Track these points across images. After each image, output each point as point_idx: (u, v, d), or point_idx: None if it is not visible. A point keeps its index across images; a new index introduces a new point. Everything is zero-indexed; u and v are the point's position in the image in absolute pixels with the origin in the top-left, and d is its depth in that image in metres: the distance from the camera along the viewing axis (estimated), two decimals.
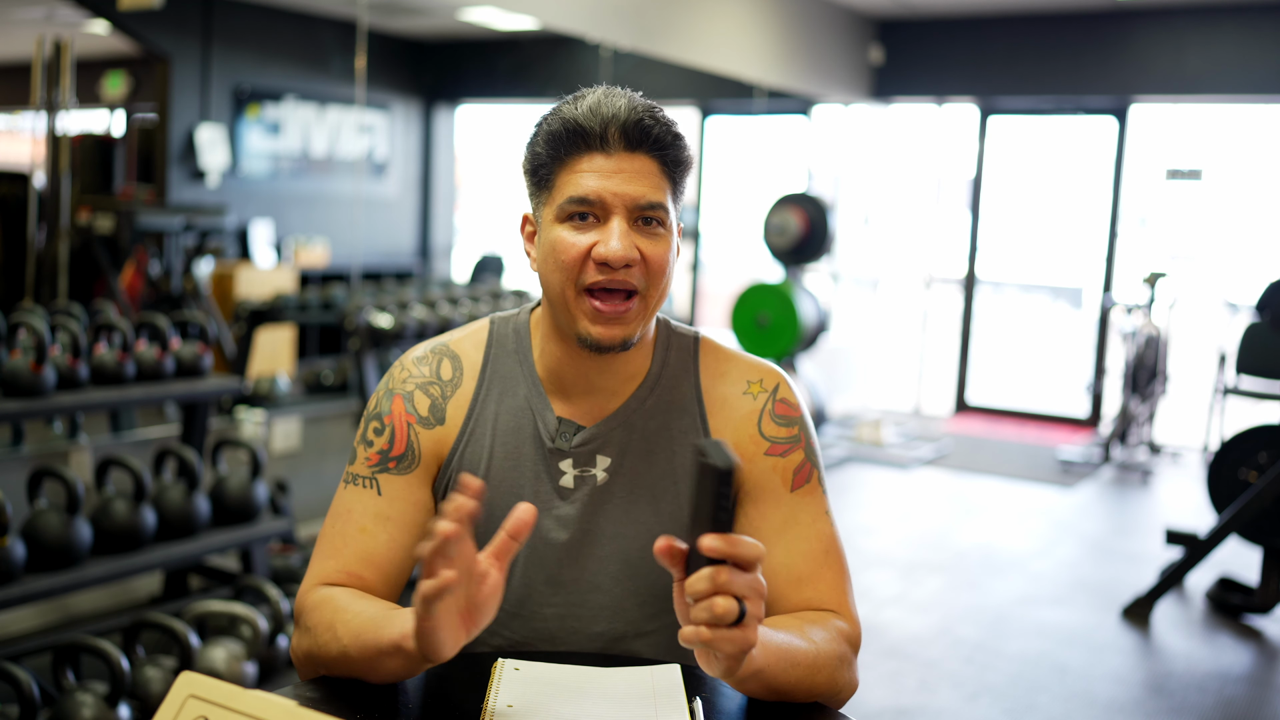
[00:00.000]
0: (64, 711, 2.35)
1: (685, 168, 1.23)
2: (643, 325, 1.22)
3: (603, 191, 1.17)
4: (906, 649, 3.65)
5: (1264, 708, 3.37)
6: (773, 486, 1.27)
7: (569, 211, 1.19)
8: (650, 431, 1.28)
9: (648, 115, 1.19)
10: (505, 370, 1.30)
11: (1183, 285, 7.28)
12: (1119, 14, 6.87)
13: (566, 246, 1.19)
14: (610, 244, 1.17)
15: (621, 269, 1.17)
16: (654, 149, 1.19)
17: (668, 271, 1.21)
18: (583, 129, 1.18)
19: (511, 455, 1.28)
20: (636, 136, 1.18)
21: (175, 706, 0.86)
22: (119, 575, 2.79)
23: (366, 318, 4.03)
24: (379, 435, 1.27)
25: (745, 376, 1.31)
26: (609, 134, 1.18)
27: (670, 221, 1.21)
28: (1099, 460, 6.49)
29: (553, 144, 1.20)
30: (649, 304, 1.21)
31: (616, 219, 1.18)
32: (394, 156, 8.00)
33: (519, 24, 5.78)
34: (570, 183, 1.19)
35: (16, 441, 3.76)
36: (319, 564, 1.24)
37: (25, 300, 4.79)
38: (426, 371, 1.30)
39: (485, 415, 1.29)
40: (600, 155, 1.18)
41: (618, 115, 1.18)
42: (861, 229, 8.44)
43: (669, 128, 1.20)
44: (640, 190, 1.18)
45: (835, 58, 7.13)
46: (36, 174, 4.88)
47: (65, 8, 5.72)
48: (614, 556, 1.26)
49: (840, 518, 5.47)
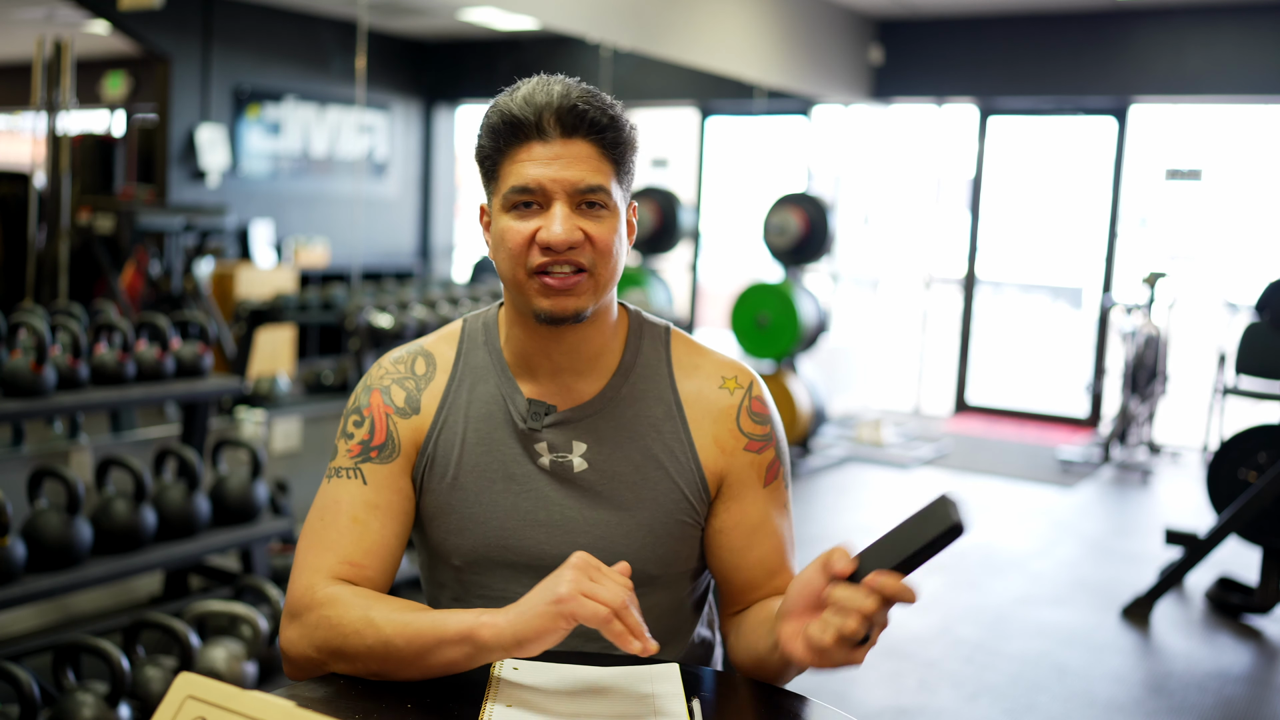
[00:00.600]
0: (64, 711, 2.35)
1: (626, 148, 1.25)
2: (594, 299, 1.24)
3: (542, 179, 1.20)
4: (906, 649, 3.65)
5: (1264, 708, 3.38)
6: (750, 482, 1.31)
7: (513, 201, 1.22)
8: (626, 420, 1.30)
9: (581, 100, 1.21)
10: (477, 362, 1.33)
11: (1183, 285, 7.28)
12: (1119, 14, 6.87)
13: (513, 234, 1.22)
14: (552, 229, 1.20)
15: (566, 251, 1.20)
16: (590, 132, 1.21)
17: (614, 250, 1.24)
18: (518, 120, 1.21)
19: (485, 440, 1.30)
20: (571, 122, 1.20)
21: (174, 707, 0.86)
22: (119, 575, 2.80)
23: (366, 318, 4.04)
24: (359, 427, 1.30)
25: (720, 372, 1.34)
26: (544, 122, 1.20)
27: (614, 202, 1.24)
28: (1099, 460, 6.49)
29: (494, 136, 1.23)
30: (599, 280, 1.23)
31: (558, 204, 1.21)
32: (394, 157, 8.00)
33: (519, 24, 5.79)
34: (512, 173, 1.22)
35: (17, 441, 3.76)
36: (315, 557, 1.24)
37: (26, 300, 4.79)
38: (402, 369, 1.34)
39: (458, 403, 1.31)
40: (538, 144, 1.21)
41: (551, 103, 1.20)
42: (861, 229, 8.44)
43: (605, 110, 1.22)
44: (579, 174, 1.21)
45: (835, 58, 7.13)
46: (37, 174, 4.88)
47: (65, 8, 5.72)
48: (592, 544, 1.27)
49: (840, 517, 5.47)
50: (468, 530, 1.29)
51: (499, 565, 1.29)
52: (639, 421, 1.30)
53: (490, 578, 1.30)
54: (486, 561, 1.29)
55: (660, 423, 1.30)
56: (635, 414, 1.30)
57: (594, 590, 1.07)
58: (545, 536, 1.28)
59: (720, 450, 1.31)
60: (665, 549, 1.30)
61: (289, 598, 1.23)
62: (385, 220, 7.97)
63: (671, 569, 1.31)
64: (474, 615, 1.11)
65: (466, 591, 1.32)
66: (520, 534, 1.28)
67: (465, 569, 1.30)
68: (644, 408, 1.31)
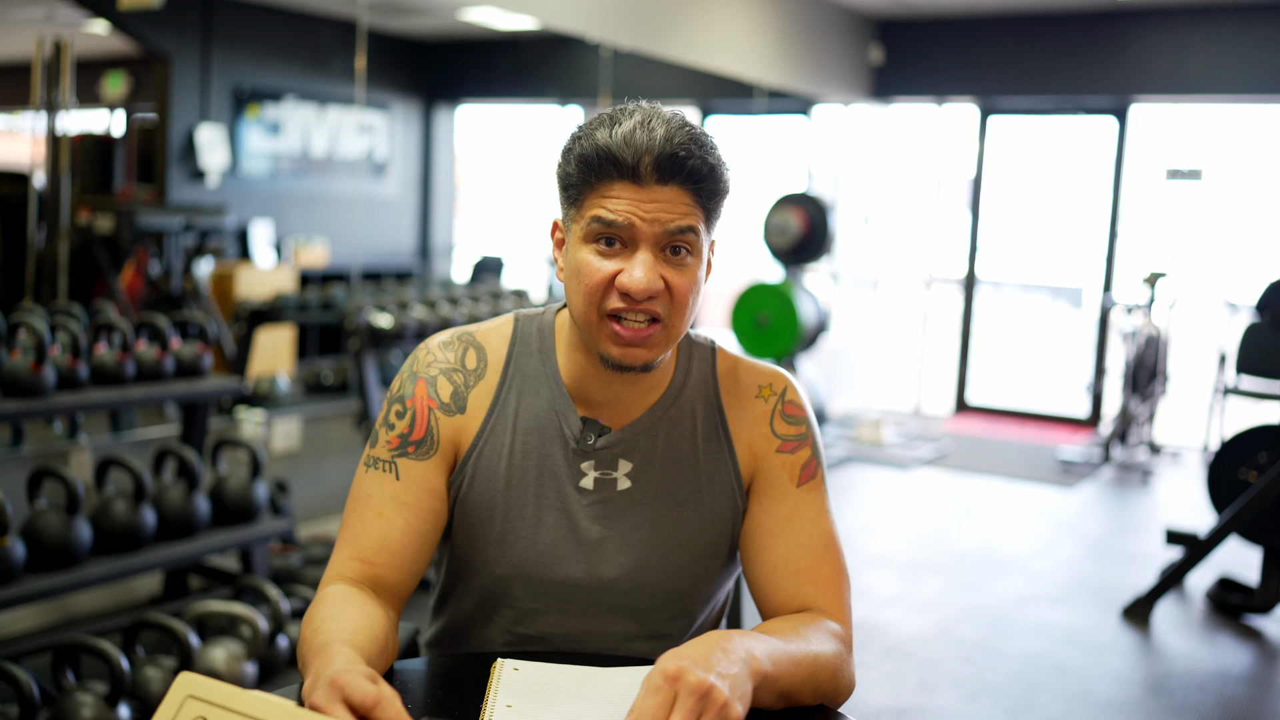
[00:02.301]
0: (64, 711, 2.35)
1: (722, 196, 1.21)
2: (664, 350, 1.22)
3: (631, 218, 1.16)
4: (906, 649, 3.65)
5: (1264, 708, 3.37)
6: (780, 482, 1.29)
7: (596, 233, 1.18)
8: (674, 439, 1.29)
9: (683, 148, 1.16)
10: (528, 369, 1.30)
11: (1183, 285, 7.28)
12: (1119, 14, 6.86)
13: (591, 271, 1.18)
14: (634, 274, 1.16)
15: (644, 300, 1.17)
16: (688, 181, 1.16)
17: (691, 300, 1.20)
18: (615, 159, 1.15)
19: (531, 454, 1.28)
20: (670, 169, 1.15)
21: (174, 707, 0.86)
22: (119, 575, 2.79)
23: (366, 318, 4.03)
24: (400, 419, 1.27)
25: (756, 381, 1.33)
26: (641, 166, 1.15)
27: (700, 248, 1.20)
28: (1099, 460, 6.49)
29: (584, 167, 1.18)
30: (671, 332, 1.20)
31: (643, 249, 1.17)
32: (394, 156, 7.99)
33: (519, 24, 5.78)
34: (598, 205, 1.17)
35: (16, 441, 3.76)
36: (338, 552, 1.24)
37: (25, 300, 4.78)
38: (451, 357, 1.30)
39: (506, 412, 1.29)
40: (631, 185, 1.16)
41: (653, 147, 1.15)
42: (861, 229, 8.44)
43: (705, 158, 1.17)
44: (669, 218, 1.16)
45: (835, 58, 7.13)
46: (36, 174, 4.87)
47: (65, 8, 5.71)
48: (634, 561, 1.27)
49: (840, 518, 5.46)
50: (508, 544, 1.27)
51: (533, 581, 1.28)
52: (684, 441, 1.29)
53: (522, 590, 1.29)
54: (522, 576, 1.28)
55: (706, 441, 1.30)
56: (681, 434, 1.30)
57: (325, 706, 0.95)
58: (583, 554, 1.27)
59: (754, 455, 1.30)
60: (702, 567, 1.29)
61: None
62: (385, 220, 7.96)
63: (706, 588, 1.31)
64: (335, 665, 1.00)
65: (497, 601, 1.31)
66: (557, 551, 1.27)
67: (498, 581, 1.29)
68: (690, 427, 1.30)
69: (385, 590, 1.23)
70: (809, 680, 1.13)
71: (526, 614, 1.30)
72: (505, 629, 1.31)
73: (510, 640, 1.31)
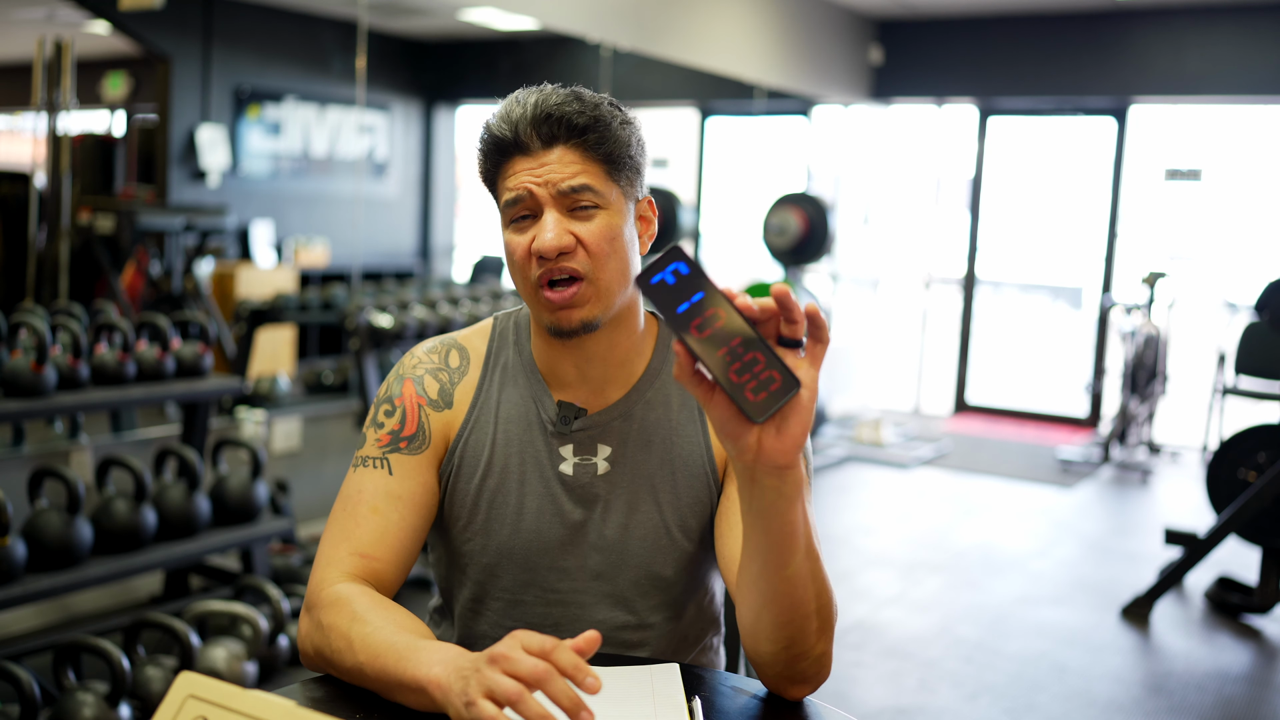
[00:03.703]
0: (64, 711, 2.35)
1: (615, 144, 1.23)
2: (600, 306, 1.23)
3: (528, 186, 1.21)
4: (906, 649, 3.66)
5: (1263, 707, 3.38)
6: None
7: (510, 215, 1.24)
8: (650, 423, 1.30)
9: (556, 108, 1.21)
10: (507, 361, 1.34)
11: (1182, 285, 7.28)
12: (1119, 14, 6.87)
13: (513, 247, 1.24)
14: (544, 236, 1.20)
15: (557, 258, 1.20)
16: (571, 136, 1.21)
17: (610, 250, 1.22)
18: (498, 138, 1.23)
19: (513, 442, 1.30)
20: (548, 131, 1.20)
21: (174, 707, 0.86)
22: (119, 575, 2.80)
23: (367, 318, 4.04)
24: (390, 417, 1.29)
25: None
26: (521, 135, 1.21)
27: (610, 201, 1.22)
28: (1098, 460, 6.49)
29: (485, 157, 1.25)
30: (599, 285, 1.22)
31: (548, 211, 1.21)
32: (394, 157, 8.00)
33: (519, 24, 5.78)
34: (503, 188, 1.24)
35: (17, 441, 3.76)
36: (332, 548, 1.24)
37: (26, 300, 4.79)
38: (436, 359, 1.34)
39: (489, 402, 1.32)
40: (522, 158, 1.22)
41: (525, 115, 1.21)
42: (861, 229, 8.43)
43: (584, 111, 1.21)
44: (559, 178, 1.20)
45: (835, 58, 7.13)
46: (37, 174, 4.88)
47: (66, 8, 5.72)
48: (616, 545, 1.29)
49: (840, 517, 5.47)
50: (493, 531, 1.29)
51: (520, 568, 1.30)
52: (661, 425, 1.31)
53: (509, 580, 1.30)
54: (508, 564, 1.30)
55: (683, 426, 1.31)
56: (658, 418, 1.31)
57: (494, 685, 0.95)
58: (566, 539, 1.29)
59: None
60: (681, 552, 1.30)
61: (308, 587, 1.24)
62: (385, 220, 7.96)
63: (688, 573, 1.32)
64: (428, 671, 1.02)
65: (485, 593, 1.32)
66: (541, 537, 1.29)
67: (485, 570, 1.31)
68: (667, 411, 1.31)
69: (381, 586, 1.23)
70: (814, 580, 1.07)
71: (513, 605, 1.31)
72: (495, 622, 1.32)
73: (500, 634, 1.31)
